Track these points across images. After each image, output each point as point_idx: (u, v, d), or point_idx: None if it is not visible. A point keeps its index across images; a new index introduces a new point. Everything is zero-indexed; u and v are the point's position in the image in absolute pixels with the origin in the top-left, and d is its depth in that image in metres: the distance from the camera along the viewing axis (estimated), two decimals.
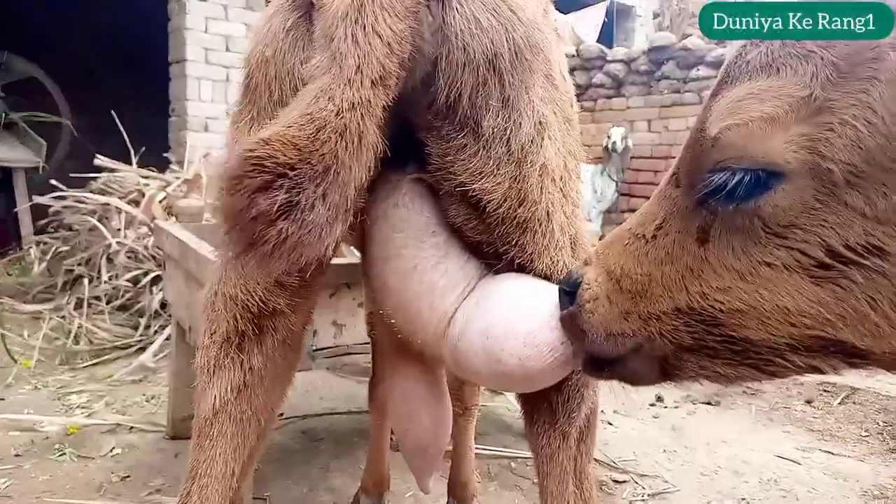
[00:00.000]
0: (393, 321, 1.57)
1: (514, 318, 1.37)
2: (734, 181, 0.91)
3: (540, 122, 1.39)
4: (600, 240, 1.30)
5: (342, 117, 1.07)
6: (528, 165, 1.38)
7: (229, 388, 1.48)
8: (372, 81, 1.11)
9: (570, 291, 1.24)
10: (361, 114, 1.09)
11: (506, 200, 1.38)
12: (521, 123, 1.35)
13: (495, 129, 1.33)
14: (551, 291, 1.38)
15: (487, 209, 1.38)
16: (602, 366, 1.23)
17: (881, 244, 0.84)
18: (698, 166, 0.99)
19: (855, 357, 0.93)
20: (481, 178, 1.35)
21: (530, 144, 1.38)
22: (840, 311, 0.89)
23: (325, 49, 1.16)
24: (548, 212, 1.44)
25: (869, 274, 0.85)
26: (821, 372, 0.99)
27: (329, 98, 1.08)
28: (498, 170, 1.36)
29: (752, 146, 0.90)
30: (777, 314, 0.93)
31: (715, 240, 0.98)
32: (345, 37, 1.13)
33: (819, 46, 0.88)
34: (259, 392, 1.52)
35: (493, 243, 1.45)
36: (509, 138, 1.35)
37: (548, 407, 1.59)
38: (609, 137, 8.19)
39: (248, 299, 1.45)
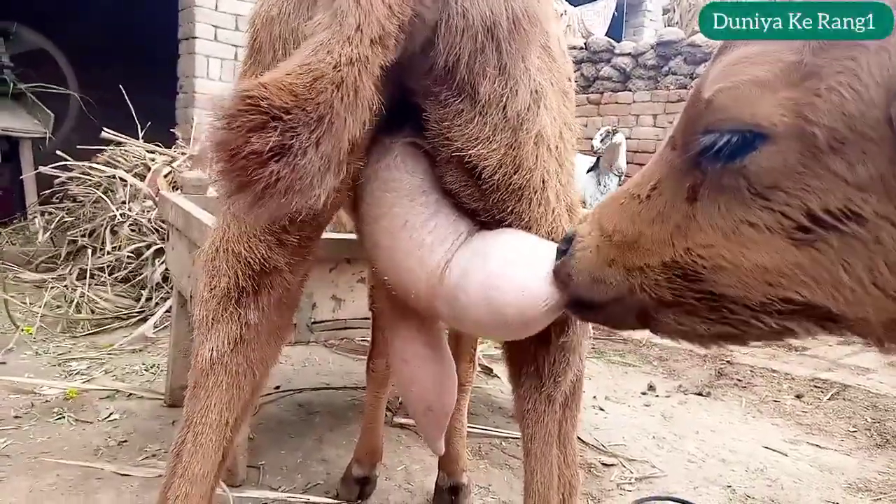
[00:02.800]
0: (386, 278, 1.61)
1: (513, 270, 1.41)
2: (722, 141, 0.93)
3: (536, 91, 1.42)
4: None
5: (339, 70, 1.08)
6: (524, 133, 1.41)
7: (226, 341, 1.51)
8: (371, 40, 1.12)
9: (565, 246, 1.29)
10: (359, 69, 1.10)
11: (501, 167, 1.41)
12: (517, 91, 1.37)
13: (492, 96, 1.35)
14: (548, 245, 1.43)
15: (483, 175, 1.41)
16: (586, 308, 1.28)
17: (859, 210, 0.86)
18: (692, 128, 1.01)
19: (828, 320, 0.95)
20: (477, 144, 1.38)
21: (526, 112, 1.40)
22: (815, 273, 0.91)
23: (327, 7, 1.18)
24: (543, 179, 1.47)
25: (846, 239, 0.87)
26: (794, 335, 1.01)
27: (328, 52, 1.10)
28: (494, 136, 1.39)
29: (741, 108, 0.92)
30: (756, 273, 0.95)
31: (703, 198, 1.00)
32: None
33: None
34: (255, 347, 1.55)
35: (490, 210, 1.48)
36: (506, 105, 1.37)
37: (535, 371, 1.64)
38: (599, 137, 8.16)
39: (250, 256, 1.48)
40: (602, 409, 4.01)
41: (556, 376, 1.62)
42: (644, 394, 4.36)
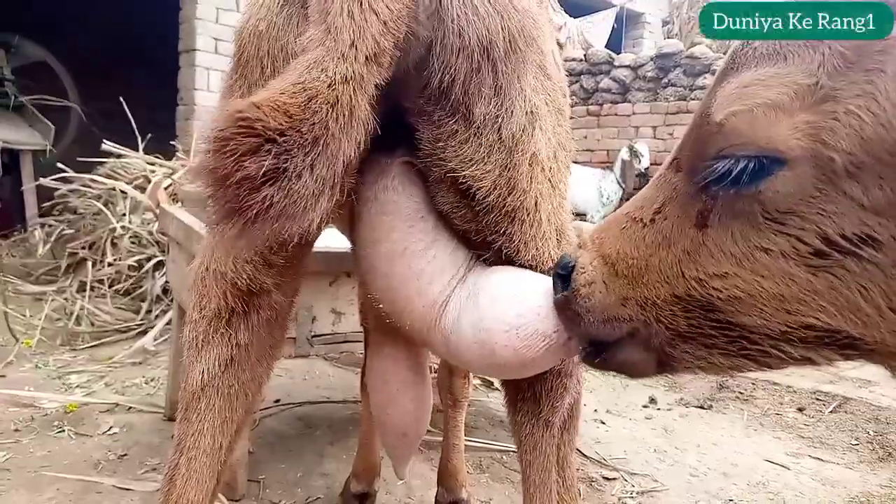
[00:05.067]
0: (381, 305, 1.58)
1: (506, 310, 1.38)
2: (738, 168, 0.91)
3: (531, 112, 1.40)
4: None
5: (334, 89, 1.05)
6: (519, 154, 1.39)
7: (217, 363, 1.49)
8: (366, 57, 1.09)
9: (563, 275, 1.24)
10: (354, 88, 1.07)
11: (495, 188, 1.38)
12: (512, 112, 1.35)
13: (487, 117, 1.33)
14: (542, 281, 1.39)
15: (477, 196, 1.39)
16: (598, 353, 1.22)
17: (875, 235, 0.85)
18: (702, 152, 0.99)
19: (848, 349, 0.93)
20: (471, 165, 1.35)
21: (521, 133, 1.38)
22: (833, 299, 0.89)
23: (319, 23, 1.14)
24: (536, 201, 1.45)
25: (862, 264, 0.86)
26: (815, 364, 0.99)
27: (322, 69, 1.07)
28: (489, 157, 1.36)
29: (756, 133, 0.90)
30: (773, 300, 0.93)
31: (714, 225, 0.98)
32: (340, 11, 1.11)
33: None
34: (246, 367, 1.53)
35: (481, 232, 1.45)
36: (500, 126, 1.35)
37: (532, 397, 1.60)
38: (639, 157, 8.14)
39: (237, 277, 1.45)
40: (603, 423, 4.00)
41: (554, 402, 1.59)
42: (645, 407, 4.34)
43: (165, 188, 5.53)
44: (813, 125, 0.87)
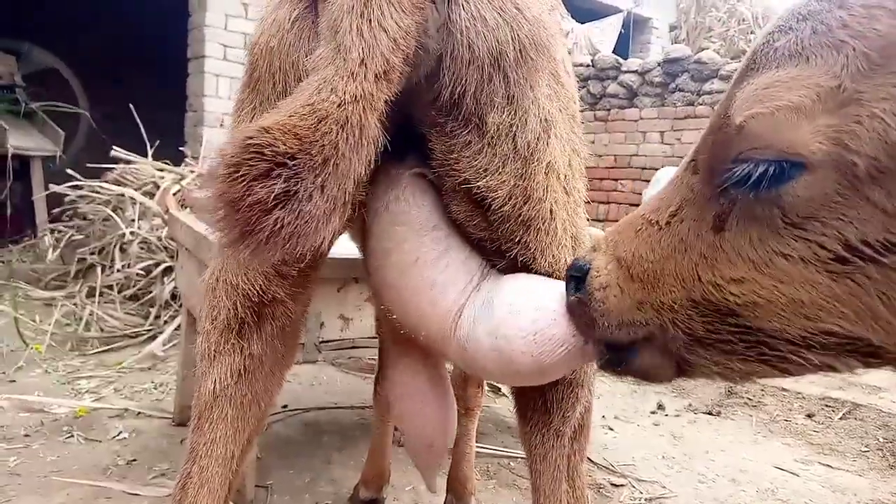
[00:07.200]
0: (394, 316, 1.57)
1: (523, 316, 1.36)
2: (758, 172, 0.89)
3: (546, 120, 1.39)
4: None
5: (344, 109, 1.05)
6: (535, 163, 1.38)
7: (230, 373, 1.49)
8: (375, 75, 1.09)
9: (577, 277, 1.23)
10: (363, 107, 1.07)
11: (511, 198, 1.37)
12: (526, 121, 1.35)
13: (500, 127, 1.33)
14: (559, 287, 1.38)
15: (492, 207, 1.38)
16: (616, 360, 1.21)
17: None
18: (720, 154, 0.97)
19: (870, 357, 0.92)
20: (486, 175, 1.35)
21: (536, 142, 1.37)
22: (853, 306, 0.87)
23: (329, 41, 1.14)
24: (551, 210, 1.44)
25: (885, 271, 0.84)
26: (836, 371, 0.97)
27: (332, 89, 1.07)
28: (503, 167, 1.35)
29: (777, 136, 0.87)
30: (791, 306, 0.91)
31: (732, 228, 0.96)
32: (350, 29, 1.11)
33: (851, 37, 0.85)
34: (259, 377, 1.52)
35: (496, 241, 1.44)
36: (515, 135, 1.34)
37: (542, 406, 1.60)
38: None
39: (248, 288, 1.44)
40: (611, 429, 3.99)
41: (565, 412, 1.59)
42: (653, 413, 4.33)
43: (174, 194, 5.55)
44: (835, 129, 0.84)
